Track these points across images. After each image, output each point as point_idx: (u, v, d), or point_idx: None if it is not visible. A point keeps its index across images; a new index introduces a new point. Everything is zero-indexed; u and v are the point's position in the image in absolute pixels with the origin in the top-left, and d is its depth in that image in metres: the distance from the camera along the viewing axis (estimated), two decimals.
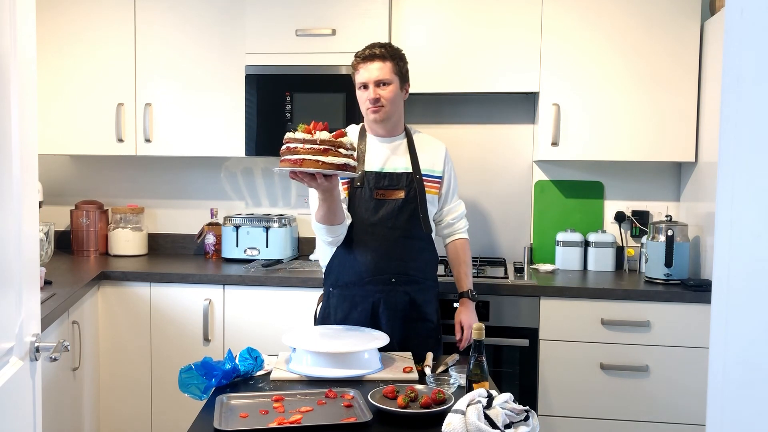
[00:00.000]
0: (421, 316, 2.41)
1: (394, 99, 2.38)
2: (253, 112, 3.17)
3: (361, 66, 2.38)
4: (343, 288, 2.39)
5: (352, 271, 2.38)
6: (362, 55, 2.38)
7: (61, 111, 3.33)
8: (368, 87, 2.36)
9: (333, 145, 1.93)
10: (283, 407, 1.73)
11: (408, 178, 2.40)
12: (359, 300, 2.37)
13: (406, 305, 2.38)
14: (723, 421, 0.91)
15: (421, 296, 2.42)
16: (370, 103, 2.35)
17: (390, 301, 2.36)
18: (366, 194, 2.36)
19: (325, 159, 1.93)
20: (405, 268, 2.39)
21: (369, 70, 2.36)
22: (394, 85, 2.38)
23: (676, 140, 3.04)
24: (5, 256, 1.38)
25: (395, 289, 2.37)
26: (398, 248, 2.38)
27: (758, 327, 0.82)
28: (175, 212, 3.69)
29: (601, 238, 3.26)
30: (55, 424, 2.53)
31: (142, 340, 3.05)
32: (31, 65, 1.53)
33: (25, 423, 1.49)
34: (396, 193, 2.38)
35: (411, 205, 2.39)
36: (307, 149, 1.92)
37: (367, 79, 2.36)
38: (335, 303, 2.41)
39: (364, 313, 2.36)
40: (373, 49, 2.38)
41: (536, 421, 1.56)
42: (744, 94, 0.87)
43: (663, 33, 3.01)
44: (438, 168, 2.49)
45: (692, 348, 2.80)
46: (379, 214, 2.36)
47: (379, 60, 2.36)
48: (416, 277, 2.41)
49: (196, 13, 3.26)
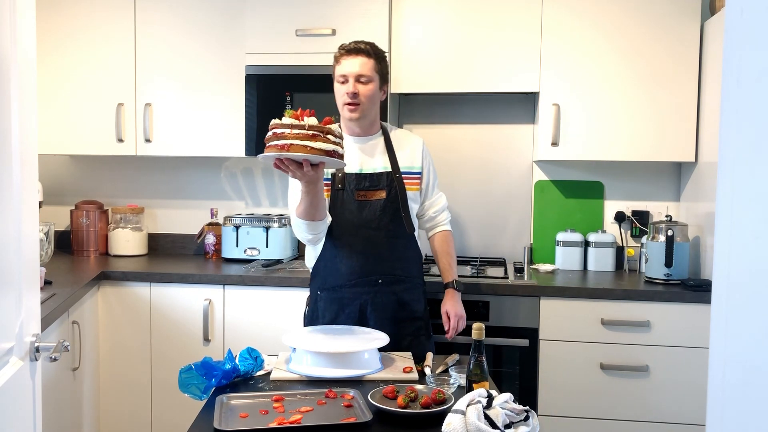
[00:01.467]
0: (409, 315, 2.42)
1: (372, 97, 2.37)
2: (253, 112, 3.17)
3: (344, 58, 2.36)
4: (331, 291, 2.40)
5: (338, 273, 2.38)
6: (347, 48, 2.37)
7: (61, 111, 3.33)
8: (348, 80, 2.34)
9: (322, 131, 1.90)
10: (283, 407, 1.73)
11: (388, 177, 2.40)
12: (347, 302, 2.38)
13: (395, 305, 2.40)
14: (723, 421, 0.91)
15: (408, 295, 2.43)
16: (348, 97, 2.33)
17: (378, 302, 2.37)
18: (348, 196, 2.36)
19: (314, 144, 1.89)
20: (391, 269, 2.40)
21: (352, 64, 2.35)
22: (374, 83, 2.37)
23: (676, 140, 3.04)
24: (5, 256, 1.38)
25: (382, 290, 2.38)
26: (383, 249, 2.39)
27: (758, 327, 0.82)
28: (175, 212, 3.69)
29: (601, 238, 3.26)
30: (55, 424, 2.53)
31: (142, 340, 3.05)
32: (31, 65, 1.53)
33: (25, 423, 1.49)
34: (377, 193, 2.38)
35: (393, 204, 2.40)
36: (294, 134, 1.89)
37: (349, 71, 2.34)
38: (323, 306, 2.41)
39: (352, 315, 2.37)
40: (359, 44, 2.38)
41: (536, 421, 1.56)
42: (744, 94, 0.87)
43: (663, 33, 3.01)
44: (417, 164, 2.49)
45: (692, 348, 2.80)
46: (362, 216, 2.37)
47: (363, 55, 2.36)
48: (402, 277, 2.42)
49: (197, 13, 3.26)
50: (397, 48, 3.14)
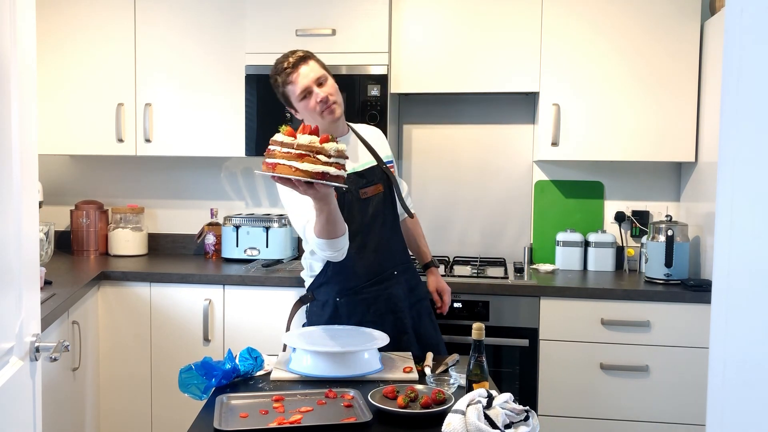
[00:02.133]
0: (421, 296, 2.50)
1: (337, 91, 2.31)
2: (253, 112, 3.17)
3: (293, 75, 2.24)
4: (352, 295, 2.33)
5: (355, 276, 2.32)
6: (288, 65, 2.25)
7: (61, 111, 3.33)
8: (311, 91, 2.25)
9: (311, 151, 1.77)
10: (283, 407, 1.73)
11: (378, 170, 2.41)
12: (371, 301, 2.34)
13: (408, 292, 2.44)
14: (723, 421, 0.91)
15: (414, 279, 2.50)
16: (323, 104, 2.25)
17: (398, 294, 2.38)
18: (353, 197, 2.32)
19: (300, 165, 1.76)
20: (401, 259, 2.45)
21: (303, 75, 2.24)
22: (330, 79, 2.30)
23: (676, 140, 3.04)
24: (5, 256, 1.38)
25: (398, 281, 2.40)
26: (392, 241, 2.42)
27: (758, 327, 0.82)
28: (175, 212, 3.69)
29: (601, 238, 3.26)
30: (55, 424, 2.53)
31: (142, 340, 3.05)
32: (31, 65, 1.53)
33: (25, 423, 1.49)
34: (376, 188, 2.38)
35: (390, 195, 2.42)
36: (282, 153, 1.78)
37: (308, 82, 2.24)
38: (347, 311, 2.33)
39: (376, 314, 2.33)
40: (292, 56, 2.28)
41: (536, 421, 1.56)
42: (744, 95, 0.87)
43: (663, 33, 3.01)
44: (388, 152, 2.52)
45: (692, 348, 2.80)
46: (370, 213, 2.36)
47: (304, 62, 2.27)
48: (408, 265, 2.49)
49: (197, 13, 3.26)
50: (397, 48, 3.14)
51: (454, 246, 3.51)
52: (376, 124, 3.02)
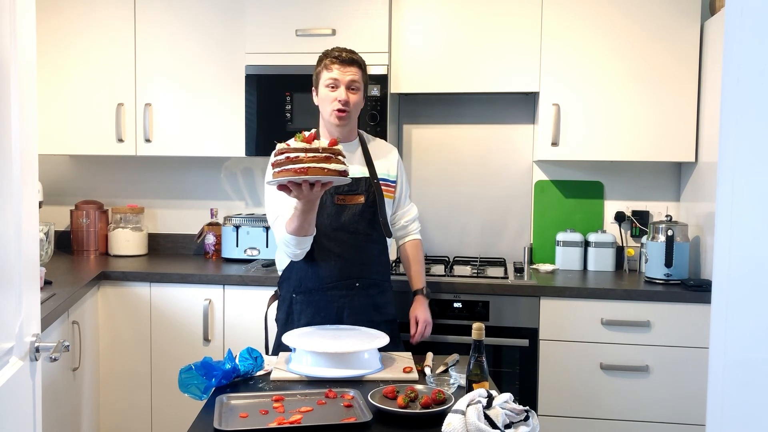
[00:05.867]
0: (383, 318, 2.43)
1: (359, 105, 2.41)
2: (253, 112, 3.17)
3: (335, 66, 2.36)
4: (307, 294, 2.39)
5: (315, 276, 2.38)
6: (340, 58, 2.37)
7: (60, 111, 3.33)
8: (339, 86, 2.35)
9: (333, 153, 2.01)
10: (283, 407, 1.73)
11: (366, 182, 2.42)
12: (323, 305, 2.38)
13: (369, 308, 2.41)
14: (723, 421, 0.92)
15: (381, 298, 2.45)
16: (340, 104, 2.34)
17: (354, 306, 2.38)
18: (327, 200, 2.37)
19: (329, 166, 1.99)
20: (368, 272, 2.42)
21: (345, 72, 2.36)
22: (361, 93, 2.40)
23: (676, 140, 3.04)
24: (5, 256, 1.38)
25: (359, 293, 2.40)
26: (360, 253, 2.40)
27: (758, 327, 0.82)
28: (175, 212, 3.69)
29: (601, 238, 3.26)
30: (55, 424, 2.53)
31: (142, 340, 3.05)
32: (31, 65, 1.53)
33: (25, 423, 1.49)
34: (356, 198, 2.40)
35: (371, 209, 2.41)
36: (310, 158, 1.98)
37: (341, 79, 2.35)
38: (299, 309, 2.40)
39: (328, 318, 2.36)
40: (352, 54, 2.39)
41: (536, 421, 1.56)
42: (744, 94, 0.87)
43: (663, 33, 3.01)
44: (393, 173, 2.53)
45: (692, 348, 2.80)
46: (341, 220, 2.38)
47: (356, 66, 2.38)
48: (377, 280, 2.45)
49: (197, 13, 3.26)
50: (397, 48, 3.14)
51: (453, 246, 3.51)
52: (376, 124, 3.03)
